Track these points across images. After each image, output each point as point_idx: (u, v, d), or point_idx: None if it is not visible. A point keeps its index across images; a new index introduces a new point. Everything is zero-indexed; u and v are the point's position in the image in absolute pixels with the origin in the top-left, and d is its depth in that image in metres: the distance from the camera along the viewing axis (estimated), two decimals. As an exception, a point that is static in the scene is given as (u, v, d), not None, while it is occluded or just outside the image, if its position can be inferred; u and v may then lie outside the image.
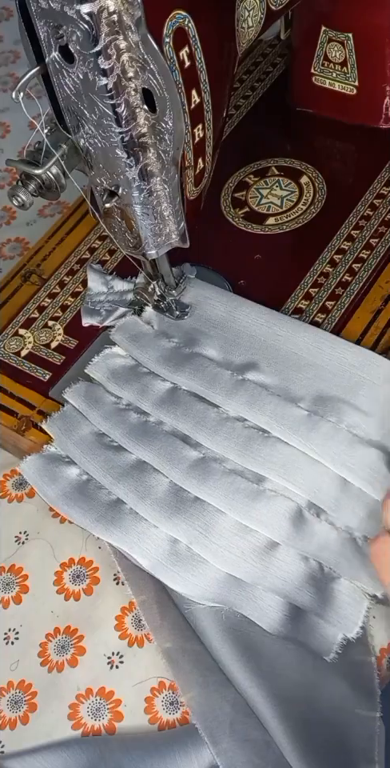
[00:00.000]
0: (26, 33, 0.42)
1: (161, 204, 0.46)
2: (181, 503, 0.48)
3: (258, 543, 0.46)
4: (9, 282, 0.62)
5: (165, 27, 0.39)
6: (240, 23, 0.47)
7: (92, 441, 0.51)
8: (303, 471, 0.47)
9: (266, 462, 0.48)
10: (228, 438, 0.49)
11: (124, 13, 0.37)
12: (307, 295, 0.57)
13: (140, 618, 0.47)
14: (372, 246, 0.59)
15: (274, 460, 0.48)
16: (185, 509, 0.47)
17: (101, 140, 0.43)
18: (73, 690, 0.46)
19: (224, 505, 0.47)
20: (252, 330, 0.54)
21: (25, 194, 0.48)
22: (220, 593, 0.46)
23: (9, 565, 0.51)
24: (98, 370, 0.54)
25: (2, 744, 0.45)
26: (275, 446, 0.48)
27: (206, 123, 0.45)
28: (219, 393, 0.51)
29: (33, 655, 0.47)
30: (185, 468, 0.48)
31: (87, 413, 0.52)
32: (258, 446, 0.48)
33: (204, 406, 0.51)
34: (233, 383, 0.51)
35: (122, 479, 0.49)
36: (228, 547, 0.46)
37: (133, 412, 0.52)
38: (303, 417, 0.49)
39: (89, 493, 0.49)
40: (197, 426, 0.50)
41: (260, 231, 0.61)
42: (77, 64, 0.39)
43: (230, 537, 0.46)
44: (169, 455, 0.49)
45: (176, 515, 0.47)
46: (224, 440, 0.49)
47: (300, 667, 0.44)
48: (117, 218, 0.48)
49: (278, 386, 0.51)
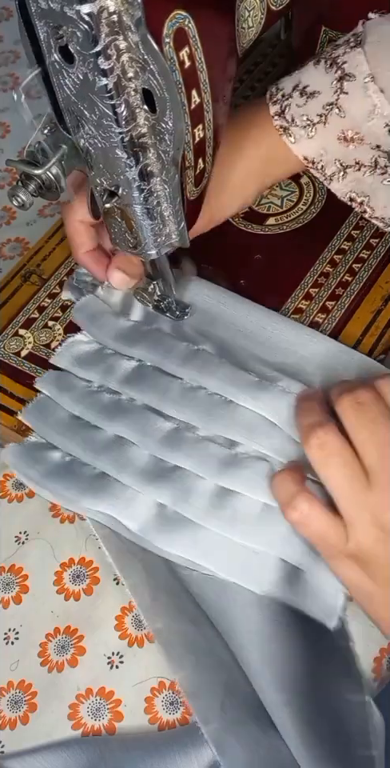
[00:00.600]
0: (26, 33, 0.42)
1: (161, 204, 0.46)
2: (161, 471, 0.49)
3: (240, 504, 0.47)
4: (9, 282, 0.62)
5: (165, 27, 0.39)
6: (241, 23, 0.47)
7: (68, 423, 0.53)
8: (267, 433, 0.48)
9: (230, 426, 0.49)
10: (192, 407, 0.50)
11: (124, 13, 0.37)
12: (307, 295, 0.57)
13: (140, 618, 0.47)
14: (372, 246, 0.59)
15: (237, 423, 0.49)
16: (166, 475, 0.49)
17: (101, 140, 0.43)
18: (73, 690, 0.46)
19: (201, 470, 0.48)
20: (210, 308, 0.56)
21: (25, 193, 0.48)
22: (210, 555, 0.46)
23: (9, 565, 0.51)
24: (63, 359, 0.56)
25: (2, 744, 0.45)
26: (236, 410, 0.49)
27: (206, 123, 0.45)
28: (173, 362, 0.52)
29: (33, 655, 0.47)
30: (159, 438, 0.50)
31: (59, 398, 0.54)
32: (221, 411, 0.50)
33: (169, 378, 0.52)
34: (188, 353, 0.53)
35: (103, 453, 0.50)
36: (211, 510, 0.47)
37: (105, 393, 0.53)
38: (253, 381, 0.50)
39: (74, 470, 0.51)
40: (163, 397, 0.51)
41: (260, 231, 0.61)
42: (77, 64, 0.39)
43: (213, 498, 0.47)
44: (142, 428, 0.50)
45: (158, 481, 0.48)
46: (189, 409, 0.50)
47: (300, 649, 0.44)
48: (117, 218, 0.48)
49: (232, 356, 0.53)
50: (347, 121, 0.50)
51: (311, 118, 0.51)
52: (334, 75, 0.50)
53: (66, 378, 0.55)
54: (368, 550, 0.41)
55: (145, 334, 0.55)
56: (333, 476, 0.42)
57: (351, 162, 0.52)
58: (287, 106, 0.52)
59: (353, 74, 0.49)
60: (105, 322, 0.56)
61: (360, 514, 0.41)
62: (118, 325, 0.56)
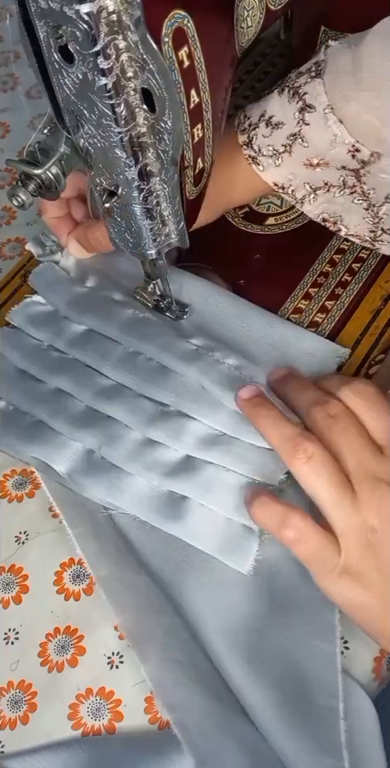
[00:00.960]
0: (26, 33, 0.42)
1: (160, 204, 0.46)
2: (93, 420, 0.51)
3: (162, 453, 0.49)
4: (9, 282, 0.62)
5: (164, 27, 0.39)
6: (240, 23, 0.47)
7: (14, 375, 0.56)
8: (195, 398, 0.50)
9: (160, 389, 0.51)
10: (129, 370, 0.53)
11: (123, 13, 0.37)
12: (306, 295, 0.57)
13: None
14: (372, 246, 0.59)
15: (168, 388, 0.51)
16: (95, 423, 0.51)
17: (101, 140, 0.43)
18: (73, 690, 0.46)
19: (130, 421, 0.51)
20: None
21: (25, 193, 0.48)
22: (134, 502, 0.49)
23: (9, 565, 0.51)
24: (17, 317, 0.58)
25: (2, 744, 0.45)
26: (169, 375, 0.51)
27: (205, 123, 0.45)
28: (117, 328, 0.54)
29: (33, 655, 0.47)
30: (96, 391, 0.52)
31: (8, 353, 0.56)
32: (154, 375, 0.52)
33: (112, 343, 0.54)
34: (132, 319, 0.55)
35: (40, 403, 0.53)
36: (134, 455, 0.49)
37: (52, 351, 0.56)
38: (190, 350, 0.52)
39: (15, 420, 0.54)
40: (103, 359, 0.53)
41: (259, 231, 0.61)
42: (76, 64, 0.39)
43: (137, 446, 0.50)
44: (81, 382, 0.53)
45: (87, 428, 0.51)
46: (125, 371, 0.53)
47: (248, 595, 0.46)
48: (116, 218, 0.48)
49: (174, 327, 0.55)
50: (311, 150, 0.51)
51: (276, 149, 0.53)
52: (296, 106, 0.51)
53: (18, 336, 0.57)
54: (361, 559, 0.41)
55: (95, 302, 0.57)
56: (323, 488, 0.42)
57: (320, 184, 0.53)
58: (254, 135, 0.53)
59: (313, 105, 0.50)
60: (60, 289, 0.58)
61: (352, 523, 0.41)
62: (72, 292, 0.58)
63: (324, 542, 0.41)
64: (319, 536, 0.41)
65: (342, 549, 0.41)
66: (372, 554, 0.40)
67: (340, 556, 0.41)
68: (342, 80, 0.49)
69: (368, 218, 0.53)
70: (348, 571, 0.41)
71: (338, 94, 0.49)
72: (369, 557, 0.41)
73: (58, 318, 0.57)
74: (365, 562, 0.41)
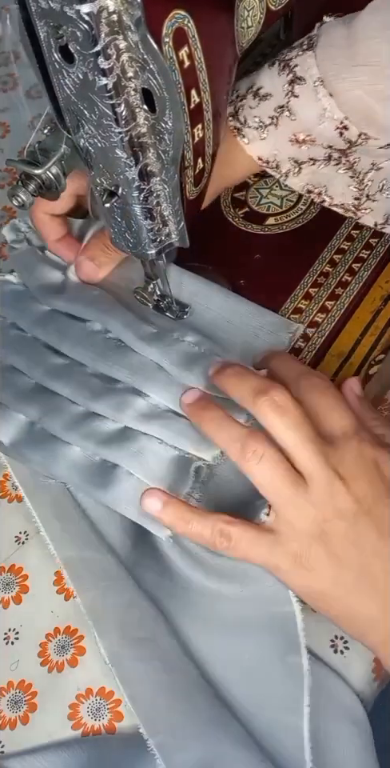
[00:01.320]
0: (26, 33, 0.42)
1: (160, 204, 0.46)
2: (37, 395, 0.52)
3: (100, 424, 0.49)
4: (9, 281, 0.62)
5: (165, 27, 0.39)
6: (240, 23, 0.47)
7: None
8: (150, 375, 0.50)
9: (115, 365, 0.51)
10: (86, 347, 0.53)
11: (123, 13, 0.37)
12: (307, 295, 0.57)
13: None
14: (372, 246, 0.59)
15: (125, 364, 0.51)
16: (39, 397, 0.52)
17: (101, 140, 0.43)
18: (73, 690, 0.46)
19: (75, 396, 0.51)
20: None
21: (25, 193, 0.48)
22: (69, 470, 0.49)
23: (9, 565, 0.51)
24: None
25: (2, 744, 0.45)
26: (126, 353, 0.52)
27: (206, 123, 0.45)
28: (80, 304, 0.54)
29: (33, 655, 0.47)
30: (46, 369, 0.52)
31: None
32: (111, 352, 0.52)
33: (75, 322, 0.55)
34: (96, 297, 0.55)
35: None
36: (72, 425, 0.49)
37: (14, 329, 0.56)
38: (151, 332, 0.52)
39: None
40: (62, 337, 0.54)
41: (260, 231, 0.61)
42: (76, 64, 0.39)
43: (77, 417, 0.50)
44: (34, 360, 0.53)
45: (30, 401, 0.52)
46: (82, 348, 0.53)
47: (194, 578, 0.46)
48: (116, 218, 0.48)
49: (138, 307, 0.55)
50: (297, 123, 0.51)
51: (263, 120, 0.52)
52: (286, 78, 0.51)
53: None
54: (313, 548, 0.41)
55: (69, 286, 0.57)
56: (277, 487, 0.42)
57: (305, 159, 0.53)
58: (241, 107, 0.53)
59: (304, 78, 0.50)
60: (37, 273, 0.58)
61: (305, 517, 0.41)
62: (47, 277, 0.58)
63: (260, 536, 0.42)
64: (253, 534, 0.42)
65: (290, 538, 0.41)
66: (325, 543, 0.41)
67: (284, 544, 0.41)
68: (335, 53, 0.49)
69: (353, 185, 0.53)
70: (303, 564, 0.41)
71: (330, 68, 0.48)
72: (322, 547, 0.41)
73: (27, 298, 0.57)
74: (317, 551, 0.41)
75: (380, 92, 0.48)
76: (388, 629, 0.40)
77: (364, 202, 0.54)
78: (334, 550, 0.41)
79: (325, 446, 0.42)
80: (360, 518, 0.41)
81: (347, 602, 0.41)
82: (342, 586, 0.41)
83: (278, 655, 0.43)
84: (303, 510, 0.41)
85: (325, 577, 0.41)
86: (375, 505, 0.41)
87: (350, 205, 0.55)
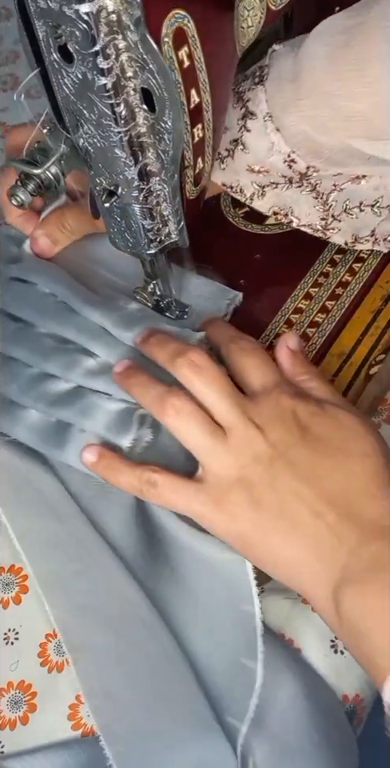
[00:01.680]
0: (26, 33, 0.42)
1: (160, 204, 0.46)
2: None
3: (55, 387, 0.50)
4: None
5: (164, 27, 0.39)
6: (240, 23, 0.47)
7: None
8: (96, 336, 0.51)
9: (64, 323, 0.52)
10: (35, 308, 0.54)
11: (123, 12, 0.37)
12: (307, 295, 0.57)
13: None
14: (372, 246, 0.59)
15: (71, 323, 0.52)
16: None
17: (101, 140, 0.43)
18: (73, 690, 0.46)
19: (29, 359, 0.52)
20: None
21: (25, 193, 0.48)
22: (28, 433, 0.50)
23: (9, 565, 0.51)
24: None
25: (2, 744, 0.45)
26: (72, 314, 0.52)
27: (205, 123, 0.45)
28: (35, 272, 0.55)
29: (33, 655, 0.47)
30: (4, 334, 0.53)
31: None
32: (59, 313, 0.53)
33: (32, 287, 0.55)
34: (57, 270, 0.56)
35: None
36: (28, 391, 0.50)
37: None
38: (99, 299, 0.53)
39: None
40: (22, 304, 0.54)
41: (260, 231, 0.61)
42: (76, 64, 0.39)
43: (32, 381, 0.51)
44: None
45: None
46: (32, 309, 0.54)
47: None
48: (116, 218, 0.48)
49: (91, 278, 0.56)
50: (251, 156, 0.52)
51: (221, 152, 0.54)
52: (240, 112, 0.52)
53: None
54: (234, 493, 0.42)
55: (24, 258, 0.58)
56: (195, 437, 0.43)
57: (267, 183, 0.54)
58: None
59: (255, 113, 0.51)
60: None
61: (225, 465, 0.43)
62: (4, 248, 0.58)
63: (191, 487, 0.43)
64: (175, 482, 0.43)
65: (216, 488, 0.43)
66: (243, 488, 0.42)
67: (213, 494, 0.43)
68: (283, 87, 0.50)
69: (318, 206, 0.54)
70: (223, 509, 0.43)
71: (277, 102, 0.50)
72: (241, 492, 0.42)
73: (4, 280, 0.58)
74: (237, 496, 0.42)
75: (322, 125, 0.49)
76: (314, 571, 0.41)
77: (330, 222, 0.55)
78: (252, 494, 0.42)
79: (244, 399, 0.45)
80: (275, 461, 0.42)
81: (268, 544, 0.42)
82: (261, 529, 0.42)
83: (235, 602, 0.44)
84: (222, 457, 0.43)
85: (245, 520, 0.42)
86: (290, 449, 0.43)
87: (317, 225, 0.56)
